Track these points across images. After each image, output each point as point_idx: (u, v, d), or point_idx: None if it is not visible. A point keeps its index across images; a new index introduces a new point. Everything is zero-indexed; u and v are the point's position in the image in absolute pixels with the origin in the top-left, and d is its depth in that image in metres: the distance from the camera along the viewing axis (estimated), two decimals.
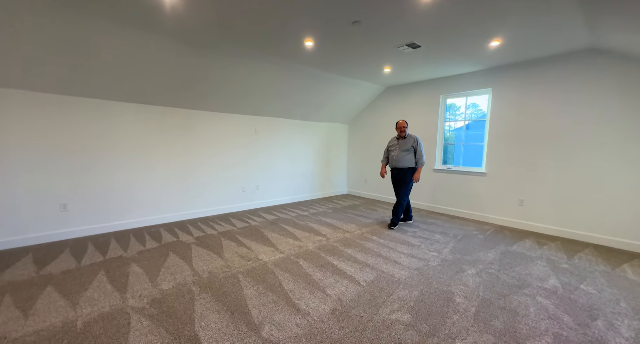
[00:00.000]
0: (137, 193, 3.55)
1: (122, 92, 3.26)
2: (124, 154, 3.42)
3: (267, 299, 1.95)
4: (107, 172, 3.32)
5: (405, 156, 3.60)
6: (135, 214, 3.56)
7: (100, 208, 3.30)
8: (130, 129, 3.46)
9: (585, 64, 3.20)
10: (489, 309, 1.84)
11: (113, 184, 3.37)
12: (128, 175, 3.47)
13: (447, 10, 2.32)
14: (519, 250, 2.95)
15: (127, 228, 3.49)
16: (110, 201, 3.36)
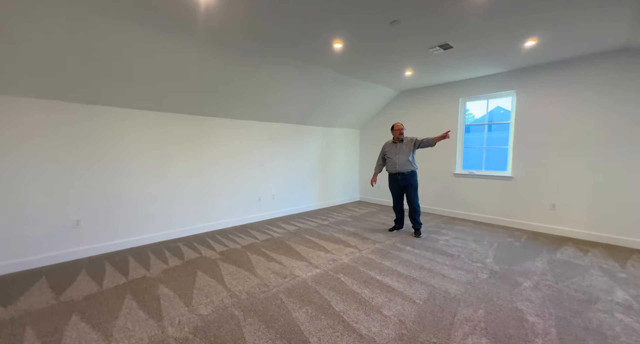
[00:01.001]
0: (151, 206, 3.33)
1: (139, 100, 3.07)
2: (138, 164, 3.21)
3: (322, 324, 1.75)
4: (121, 184, 3.10)
5: (407, 159, 3.47)
6: (150, 228, 3.33)
7: (115, 223, 3.07)
8: (146, 139, 3.26)
9: (618, 64, 3.13)
10: (571, 329, 1.67)
11: (126, 196, 3.14)
12: (142, 187, 3.25)
13: (488, 7, 2.21)
14: (565, 258, 2.81)
15: (143, 244, 3.26)
16: (124, 215, 3.13)
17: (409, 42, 2.89)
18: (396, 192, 3.67)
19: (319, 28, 2.56)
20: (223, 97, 3.58)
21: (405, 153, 3.50)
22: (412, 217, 3.59)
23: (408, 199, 3.58)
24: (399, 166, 3.52)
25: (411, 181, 3.54)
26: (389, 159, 3.63)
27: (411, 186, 3.54)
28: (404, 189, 3.59)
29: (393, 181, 3.65)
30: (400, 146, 3.55)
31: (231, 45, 2.87)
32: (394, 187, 3.66)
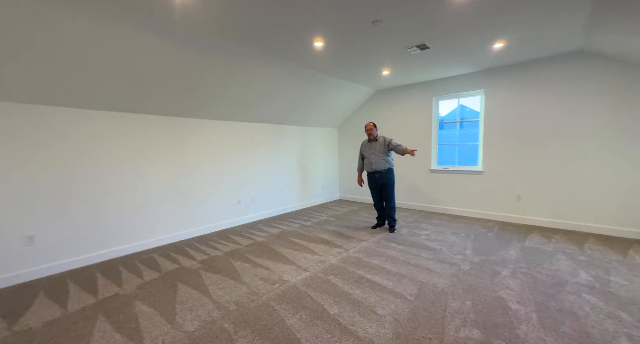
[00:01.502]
0: (121, 215, 3.04)
1: (108, 100, 2.78)
2: (104, 170, 2.91)
3: (319, 330, 1.71)
4: (83, 192, 2.79)
5: (382, 157, 3.56)
6: (120, 239, 3.04)
7: (77, 236, 2.75)
8: (114, 142, 2.97)
9: (575, 65, 3.44)
10: (549, 313, 1.80)
11: (92, 205, 2.84)
12: (109, 194, 2.96)
13: (462, 10, 2.29)
14: (533, 245, 3.04)
15: (113, 257, 2.97)
16: (89, 227, 2.82)
17: (388, 41, 2.92)
18: (375, 190, 3.74)
19: (301, 26, 2.50)
20: (201, 98, 3.37)
21: (380, 152, 3.57)
22: (387, 214, 3.69)
23: (385, 197, 3.67)
24: (374, 164, 3.60)
25: (388, 179, 3.61)
26: (366, 159, 3.71)
27: (388, 184, 3.62)
28: (381, 188, 3.66)
29: (371, 179, 3.72)
30: (375, 145, 3.61)
31: (209, 44, 2.70)
32: (373, 186, 3.73)
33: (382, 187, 3.66)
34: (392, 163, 3.63)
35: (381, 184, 3.64)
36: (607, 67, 3.23)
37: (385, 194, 3.66)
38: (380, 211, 3.84)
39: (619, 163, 3.24)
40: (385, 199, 3.68)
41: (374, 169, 3.62)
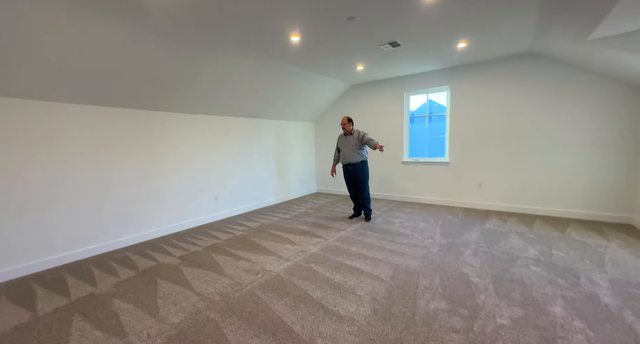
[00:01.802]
0: (89, 213, 2.88)
1: (72, 92, 2.58)
2: (68, 165, 2.73)
3: (303, 312, 1.81)
4: (48, 189, 2.60)
5: (356, 151, 3.72)
6: (89, 239, 2.89)
7: (41, 236, 2.58)
8: (78, 136, 2.78)
9: (525, 64, 3.81)
10: (503, 284, 2.07)
11: (56, 203, 2.66)
12: (76, 191, 2.79)
13: (431, 10, 2.46)
14: (492, 227, 3.39)
15: (82, 258, 2.82)
16: (53, 227, 2.65)
17: (362, 38, 3.03)
18: (350, 182, 3.90)
19: (277, 21, 2.51)
20: (172, 90, 3.24)
21: (353, 145, 3.72)
22: (363, 204, 3.88)
23: (359, 188, 3.84)
24: (348, 157, 3.76)
25: (361, 171, 3.77)
26: (341, 151, 3.87)
27: (361, 176, 3.78)
28: (355, 179, 3.82)
29: (345, 171, 3.88)
30: (350, 139, 3.76)
31: (181, 35, 2.61)
32: (348, 178, 3.90)
33: (356, 178, 3.82)
34: (365, 156, 3.79)
35: (355, 176, 3.80)
36: (551, 67, 3.64)
37: (359, 185, 3.83)
38: (356, 202, 4.01)
39: (559, 155, 3.69)
40: (360, 190, 3.85)
41: (347, 162, 3.78)
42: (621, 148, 3.35)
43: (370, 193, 4.04)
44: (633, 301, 1.79)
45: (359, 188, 3.85)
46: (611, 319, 1.62)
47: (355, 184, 3.87)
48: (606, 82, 3.36)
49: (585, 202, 3.59)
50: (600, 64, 3.09)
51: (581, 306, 1.76)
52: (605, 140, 3.43)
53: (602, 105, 3.41)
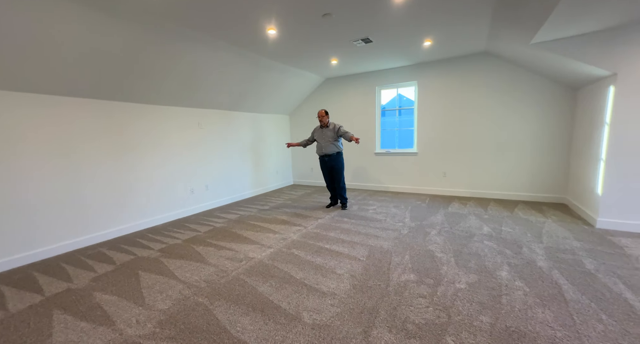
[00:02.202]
0: (57, 209, 2.74)
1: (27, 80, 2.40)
2: (31, 159, 2.57)
3: (288, 291, 1.96)
4: (9, 185, 2.43)
5: (332, 143, 3.89)
6: (57, 236, 2.75)
7: (3, 235, 2.42)
8: (39, 128, 2.61)
9: (483, 63, 4.21)
10: (462, 257, 2.38)
11: (21, 199, 2.50)
12: (42, 187, 2.63)
13: (400, 10, 2.66)
14: (454, 210, 3.78)
15: (51, 256, 2.69)
16: (17, 224, 2.49)
17: (337, 34, 3.16)
18: (326, 173, 4.08)
19: (254, 14, 2.54)
20: (144, 81, 3.12)
21: (329, 137, 3.89)
22: (339, 193, 4.09)
23: (335, 178, 4.02)
24: (325, 148, 3.92)
25: (337, 162, 3.96)
26: (317, 143, 4.01)
27: (337, 167, 3.96)
28: (331, 170, 4.00)
29: (322, 162, 4.04)
30: (326, 131, 3.91)
31: (152, 24, 2.53)
32: (324, 169, 4.06)
33: (332, 169, 3.99)
34: (340, 148, 3.97)
35: (331, 167, 3.97)
36: (505, 67, 4.07)
37: (335, 175, 4.01)
38: (332, 191, 4.20)
39: (509, 146, 4.18)
40: (336, 180, 4.03)
41: (324, 153, 3.93)
42: (558, 139, 3.88)
43: (345, 183, 4.25)
44: (560, 262, 2.19)
45: (335, 178, 4.03)
46: (543, 278, 1.98)
47: (331, 174, 4.04)
48: (548, 82, 3.85)
49: (529, 186, 4.12)
50: (542, 66, 3.53)
51: (522, 270, 2.11)
52: (545, 132, 3.94)
53: (544, 102, 3.90)
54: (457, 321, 1.57)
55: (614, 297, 1.72)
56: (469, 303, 1.73)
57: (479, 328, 1.51)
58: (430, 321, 1.58)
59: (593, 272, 2.02)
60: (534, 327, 1.49)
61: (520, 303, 1.70)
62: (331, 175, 4.06)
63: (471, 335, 1.46)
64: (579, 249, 2.41)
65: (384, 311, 1.69)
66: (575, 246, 2.49)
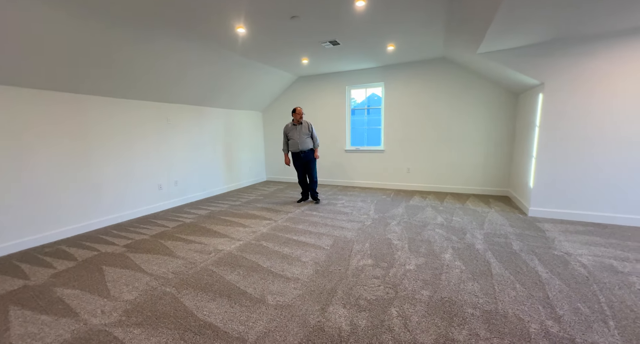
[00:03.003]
0: (9, 206, 2.61)
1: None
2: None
3: (255, 278, 2.08)
4: None
5: (307, 138, 4.07)
6: (9, 235, 2.62)
7: None
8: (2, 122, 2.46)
9: (441, 68, 4.58)
10: (415, 243, 2.66)
11: None
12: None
13: (364, 18, 2.86)
14: (414, 203, 4.12)
15: (2, 255, 2.56)
16: None
17: (305, 35, 3.29)
18: (301, 168, 4.21)
19: (223, 12, 2.59)
20: (107, 73, 3.03)
21: (305, 134, 4.05)
22: (312, 188, 4.27)
23: (309, 173, 4.19)
24: (301, 144, 4.04)
25: (312, 158, 4.14)
26: (291, 140, 4.11)
27: (312, 162, 4.15)
28: (306, 165, 4.15)
29: (297, 159, 4.16)
30: (301, 128, 4.05)
31: (121, 18, 2.48)
32: (298, 164, 4.18)
33: (307, 164, 4.15)
34: (312, 144, 4.15)
35: (306, 162, 4.13)
36: (457, 72, 4.47)
37: (309, 171, 4.18)
38: (304, 187, 4.35)
39: (463, 144, 4.61)
40: (310, 175, 4.20)
41: (300, 149, 4.06)
42: (503, 138, 4.36)
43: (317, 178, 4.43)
44: (493, 245, 2.54)
45: (309, 174, 4.20)
46: (478, 258, 2.30)
47: (305, 169, 4.19)
48: (495, 87, 4.30)
49: (480, 180, 4.59)
50: (489, 73, 3.95)
51: (462, 252, 2.42)
52: (492, 133, 4.41)
53: (492, 105, 4.36)
54: (402, 296, 1.80)
55: (529, 270, 2.06)
56: (415, 281, 1.99)
57: (419, 300, 1.75)
58: (380, 297, 1.80)
59: (517, 252, 2.39)
60: (463, 296, 1.77)
61: (456, 279, 1.98)
62: (305, 170, 4.20)
63: (412, 306, 1.69)
64: (511, 234, 2.80)
65: (341, 291, 1.89)
66: (508, 231, 2.88)
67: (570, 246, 2.48)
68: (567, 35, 2.78)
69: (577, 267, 2.10)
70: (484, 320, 1.55)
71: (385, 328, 1.52)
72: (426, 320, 1.57)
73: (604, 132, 2.93)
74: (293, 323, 1.58)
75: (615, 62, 2.79)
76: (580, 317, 1.55)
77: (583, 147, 3.03)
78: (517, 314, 1.59)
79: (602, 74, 2.86)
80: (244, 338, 1.47)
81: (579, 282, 1.89)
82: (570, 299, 1.70)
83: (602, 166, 2.97)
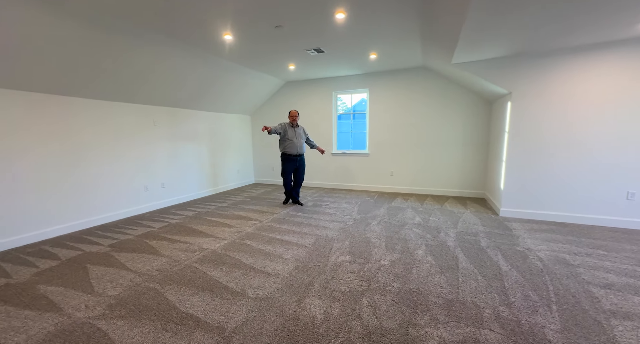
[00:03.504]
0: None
1: None
2: None
3: (237, 274, 2.18)
4: None
5: (304, 143, 4.20)
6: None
7: None
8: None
9: (421, 76, 4.82)
10: (392, 241, 2.82)
11: None
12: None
13: (345, 29, 3.04)
14: (396, 205, 4.29)
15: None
16: None
17: (290, 43, 3.45)
18: (293, 171, 4.26)
19: (210, 19, 2.71)
20: (95, 76, 3.09)
21: (303, 138, 4.16)
22: (296, 191, 4.35)
23: (299, 176, 4.28)
24: (299, 148, 4.10)
25: (304, 162, 4.29)
26: (289, 141, 4.07)
27: (304, 166, 4.28)
28: (298, 168, 4.24)
29: (291, 161, 4.14)
30: (298, 131, 4.10)
31: (103, 20, 2.56)
32: (290, 167, 4.20)
33: (299, 168, 4.24)
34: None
35: (299, 165, 4.21)
36: (436, 80, 4.72)
37: (300, 174, 4.30)
38: (289, 188, 4.43)
39: (442, 149, 4.85)
40: (300, 179, 4.31)
41: (298, 153, 4.11)
42: (479, 143, 4.62)
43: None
44: (463, 242, 2.72)
45: (300, 177, 4.29)
46: (448, 253, 2.47)
47: (296, 172, 4.28)
48: (471, 95, 4.56)
49: (459, 183, 4.82)
50: (465, 81, 4.20)
51: (434, 249, 2.59)
52: (469, 138, 4.66)
53: (469, 112, 4.61)
54: (374, 288, 1.94)
55: (492, 264, 2.24)
56: (387, 274, 2.13)
57: (389, 291, 1.89)
58: (353, 289, 1.94)
59: (484, 248, 2.57)
60: (429, 287, 1.92)
61: (425, 272, 2.14)
62: (295, 173, 4.29)
63: (382, 296, 1.83)
64: (481, 232, 2.99)
65: (318, 284, 2.01)
66: (479, 230, 3.08)
67: (532, 242, 2.69)
68: (531, 49, 3.03)
69: (535, 261, 2.29)
70: (445, 307, 1.70)
71: (356, 315, 1.65)
72: (393, 308, 1.70)
73: (563, 137, 3.19)
74: (270, 313, 1.69)
75: (573, 73, 3.06)
76: (529, 303, 1.72)
77: (546, 151, 3.28)
78: (474, 301, 1.75)
79: (562, 84, 3.12)
80: (224, 327, 1.57)
81: (534, 273, 2.08)
82: (523, 288, 1.88)
83: (562, 168, 3.22)
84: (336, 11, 2.60)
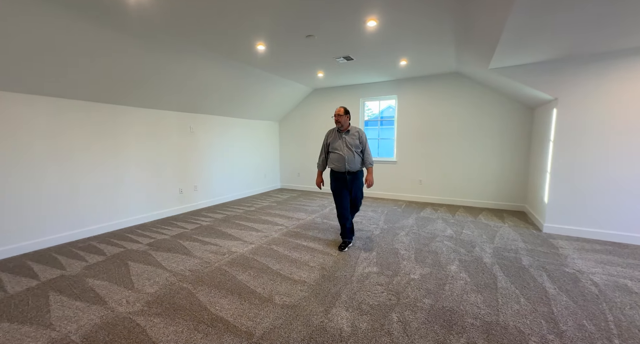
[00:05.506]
0: (51, 204, 2.92)
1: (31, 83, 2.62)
2: (36, 157, 2.76)
3: (264, 279, 2.21)
4: (7, 180, 2.62)
5: (357, 155, 2.75)
6: (51, 229, 2.92)
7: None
8: (43, 128, 2.82)
9: (454, 82, 4.64)
10: (421, 253, 2.69)
11: (18, 194, 2.68)
12: (40, 182, 2.82)
13: (376, 36, 3.02)
14: (425, 215, 4.12)
15: (43, 248, 2.86)
16: (12, 217, 2.66)
17: (320, 51, 3.50)
18: (344, 195, 2.76)
19: (246, 33, 2.85)
20: (137, 85, 3.37)
21: (354, 146, 2.73)
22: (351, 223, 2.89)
23: (355, 203, 2.88)
24: (348, 162, 2.70)
25: (360, 183, 2.83)
26: (334, 153, 2.78)
27: (359, 188, 2.83)
28: (351, 191, 2.79)
29: (340, 180, 2.77)
30: (347, 138, 2.75)
31: (147, 34, 2.80)
32: (341, 189, 2.76)
33: (351, 191, 2.80)
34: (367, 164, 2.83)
35: (352, 188, 2.78)
36: (471, 86, 4.50)
37: (356, 201, 2.88)
38: (347, 223, 2.81)
39: (476, 157, 4.59)
40: (356, 206, 2.92)
41: (347, 169, 2.71)
42: (519, 153, 4.31)
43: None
44: (502, 259, 2.52)
45: (354, 203, 2.87)
46: (484, 271, 2.30)
47: (347, 198, 2.79)
48: (510, 102, 4.29)
49: (494, 194, 4.52)
50: (503, 88, 3.97)
51: (469, 265, 2.43)
52: (507, 147, 4.37)
53: (507, 119, 4.34)
54: (404, 303, 1.86)
55: (536, 286, 2.05)
56: (418, 289, 2.03)
57: (420, 307, 1.80)
58: (382, 302, 1.87)
59: (527, 267, 2.36)
60: (465, 307, 1.80)
61: (460, 290, 2.01)
62: (348, 198, 2.80)
63: (413, 313, 1.75)
64: (522, 249, 2.76)
65: (345, 295, 1.97)
66: (520, 246, 2.84)
67: (583, 264, 2.42)
68: (579, 52, 2.79)
69: (588, 285, 2.06)
70: (484, 330, 1.57)
71: (385, 331, 1.58)
72: (425, 327, 1.61)
73: (620, 147, 2.86)
74: (297, 321, 1.68)
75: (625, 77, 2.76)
76: (584, 333, 1.54)
77: (599, 162, 2.97)
78: (518, 326, 1.60)
79: (616, 90, 2.82)
80: (252, 332, 1.59)
81: (588, 300, 1.86)
82: (576, 316, 1.69)
83: (620, 182, 2.89)
84: (368, 19, 2.60)
